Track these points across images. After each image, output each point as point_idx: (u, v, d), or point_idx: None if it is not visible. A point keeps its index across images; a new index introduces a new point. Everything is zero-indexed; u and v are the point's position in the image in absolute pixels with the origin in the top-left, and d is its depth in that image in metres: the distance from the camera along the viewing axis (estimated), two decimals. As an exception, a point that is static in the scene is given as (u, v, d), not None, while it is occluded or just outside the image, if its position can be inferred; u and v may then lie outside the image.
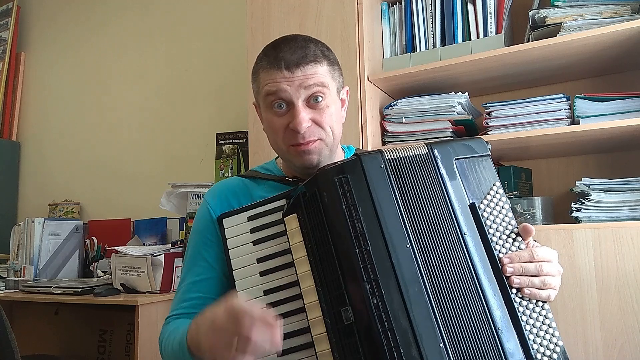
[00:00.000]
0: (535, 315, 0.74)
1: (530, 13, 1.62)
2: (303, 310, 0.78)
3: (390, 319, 0.69)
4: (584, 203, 1.45)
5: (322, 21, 1.79)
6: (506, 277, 0.74)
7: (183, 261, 1.05)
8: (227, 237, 0.87)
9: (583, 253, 1.38)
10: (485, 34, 1.68)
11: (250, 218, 0.87)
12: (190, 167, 2.69)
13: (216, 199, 1.03)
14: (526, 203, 1.54)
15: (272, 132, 0.96)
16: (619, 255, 1.35)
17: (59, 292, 1.99)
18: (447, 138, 1.68)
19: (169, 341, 0.91)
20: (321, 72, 0.93)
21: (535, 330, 0.73)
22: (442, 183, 0.78)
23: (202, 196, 2.15)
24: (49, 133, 3.30)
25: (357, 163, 0.78)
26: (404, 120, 1.74)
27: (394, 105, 1.77)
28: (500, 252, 0.76)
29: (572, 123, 1.53)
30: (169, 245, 2.14)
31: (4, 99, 3.35)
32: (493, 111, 1.62)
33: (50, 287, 2.03)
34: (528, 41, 1.60)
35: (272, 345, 0.68)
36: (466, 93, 1.72)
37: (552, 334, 0.73)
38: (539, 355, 0.72)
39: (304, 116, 0.91)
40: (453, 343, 0.69)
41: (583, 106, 1.50)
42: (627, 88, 1.65)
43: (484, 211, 0.78)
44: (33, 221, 2.40)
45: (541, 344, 0.72)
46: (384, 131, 1.79)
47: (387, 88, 1.86)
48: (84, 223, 2.65)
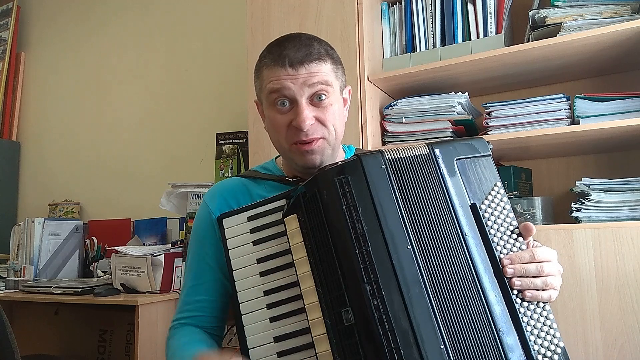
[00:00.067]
0: (536, 316, 0.74)
1: (530, 13, 1.62)
2: (303, 310, 0.78)
3: (390, 320, 0.69)
4: (584, 203, 1.45)
5: (322, 21, 1.79)
6: (507, 279, 0.74)
7: (185, 262, 1.06)
8: (227, 238, 0.87)
9: (583, 253, 1.38)
10: (485, 34, 1.68)
11: (250, 218, 0.86)
12: (190, 167, 2.69)
13: (215, 200, 1.03)
14: (526, 203, 1.54)
15: (275, 130, 0.96)
16: (619, 255, 1.34)
17: (59, 292, 1.99)
18: (448, 138, 1.68)
19: None
20: (325, 71, 0.93)
21: (536, 331, 0.73)
22: (443, 183, 0.78)
23: (202, 196, 2.16)
24: (49, 133, 3.29)
25: (358, 163, 0.77)
26: (404, 120, 1.74)
27: (394, 105, 1.77)
28: (501, 253, 0.76)
29: (572, 123, 1.53)
30: (169, 245, 2.14)
31: (4, 99, 3.35)
32: (493, 111, 1.61)
33: (50, 287, 2.03)
34: (528, 41, 1.60)
35: None
36: (466, 93, 1.72)
37: (553, 335, 0.73)
38: (540, 356, 0.71)
39: (308, 114, 0.91)
40: (454, 344, 0.69)
41: (583, 106, 1.50)
42: (627, 88, 1.65)
43: (485, 212, 0.78)
44: (33, 221, 2.40)
45: (542, 345, 0.72)
46: (384, 131, 1.79)
47: (387, 88, 1.86)
48: (84, 223, 2.65)
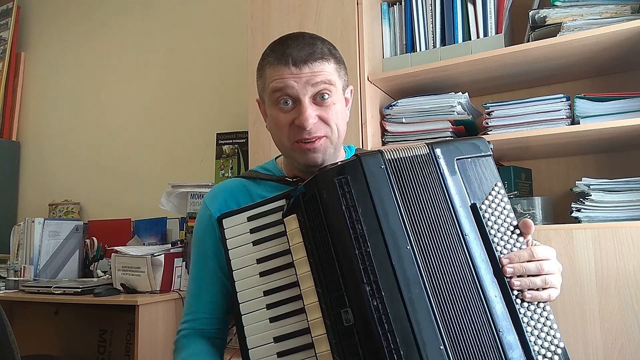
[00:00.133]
0: (536, 316, 0.74)
1: (530, 13, 1.62)
2: (303, 311, 0.78)
3: (390, 321, 0.69)
4: (584, 203, 1.45)
5: (322, 21, 1.78)
6: (507, 279, 0.74)
7: (185, 262, 1.06)
8: (227, 238, 0.87)
9: (583, 253, 1.38)
10: (485, 34, 1.68)
11: (250, 218, 0.86)
12: (190, 167, 2.68)
13: (215, 202, 1.03)
14: (526, 203, 1.54)
15: (277, 129, 0.96)
16: (619, 255, 1.34)
17: (59, 292, 1.99)
18: (448, 138, 1.68)
19: None
20: (328, 70, 0.93)
21: (536, 331, 0.73)
22: (443, 183, 0.78)
23: (202, 196, 2.16)
24: (49, 133, 3.30)
25: (357, 164, 0.77)
26: (404, 120, 1.74)
27: (394, 105, 1.77)
28: (501, 253, 0.76)
29: (572, 123, 1.53)
30: (169, 245, 2.13)
31: (4, 99, 3.35)
32: (493, 111, 1.61)
33: (50, 287, 2.03)
34: (528, 41, 1.60)
35: None
36: (466, 93, 1.72)
37: (554, 336, 0.73)
38: (540, 356, 0.71)
39: (311, 112, 0.91)
40: (453, 345, 0.69)
41: (583, 106, 1.50)
42: (627, 88, 1.65)
43: (485, 212, 0.78)
44: (33, 221, 2.40)
45: (542, 346, 0.72)
46: (384, 131, 1.79)
47: (387, 88, 1.86)
48: (84, 223, 2.65)
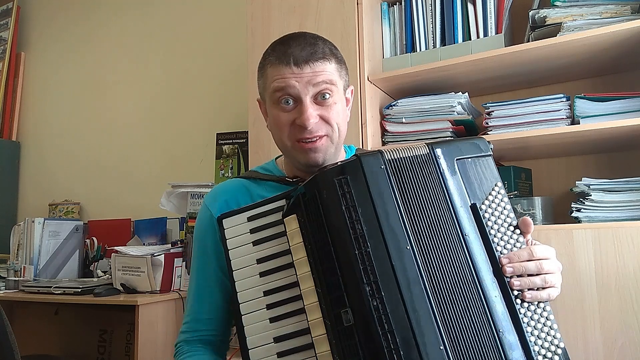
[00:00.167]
0: (536, 316, 0.74)
1: (530, 13, 1.62)
2: (303, 311, 0.78)
3: (390, 321, 0.69)
4: (584, 203, 1.45)
5: (322, 21, 1.78)
6: (507, 279, 0.74)
7: (185, 262, 1.06)
8: (227, 238, 0.87)
9: (583, 253, 1.38)
10: (485, 34, 1.68)
11: (250, 218, 0.86)
12: (190, 167, 2.68)
13: (216, 202, 1.03)
14: (526, 203, 1.54)
15: (278, 128, 0.96)
16: (619, 255, 1.34)
17: (59, 292, 1.99)
18: (448, 138, 1.68)
19: None
20: (329, 70, 0.93)
21: (536, 332, 0.73)
22: (443, 183, 0.78)
23: (202, 196, 2.16)
24: (49, 133, 3.29)
25: (357, 164, 0.77)
26: (404, 120, 1.74)
27: (394, 105, 1.77)
28: (501, 254, 0.76)
29: (572, 123, 1.53)
30: (169, 245, 2.13)
31: (4, 99, 3.35)
32: (493, 111, 1.61)
33: (50, 287, 2.03)
34: (528, 41, 1.60)
35: None
36: (466, 93, 1.72)
37: (554, 336, 0.73)
38: (540, 357, 0.71)
39: (312, 112, 0.91)
40: (453, 345, 0.69)
41: (583, 106, 1.50)
42: (627, 88, 1.65)
43: (486, 212, 0.78)
44: (33, 221, 2.40)
45: (542, 346, 0.72)
46: (384, 131, 1.79)
47: (387, 88, 1.86)
48: (84, 223, 2.65)
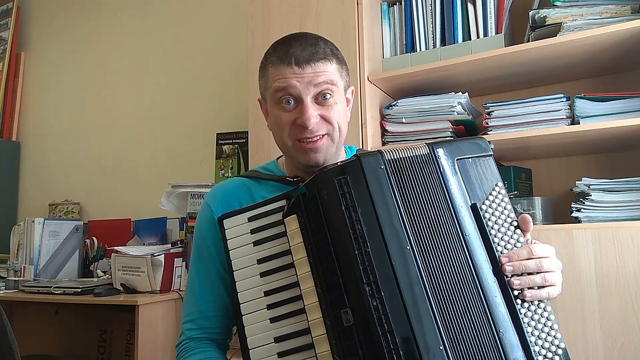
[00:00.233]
0: (537, 317, 0.74)
1: (530, 13, 1.62)
2: (303, 311, 0.78)
3: (389, 321, 0.69)
4: (584, 203, 1.45)
5: (322, 21, 1.78)
6: (507, 278, 0.74)
7: (185, 262, 1.05)
8: (228, 238, 0.87)
9: (583, 253, 1.38)
10: (485, 34, 1.68)
11: (250, 219, 0.86)
12: (190, 167, 2.68)
13: (217, 201, 1.03)
14: (526, 203, 1.54)
15: (278, 128, 0.96)
16: (619, 255, 1.34)
17: (59, 292, 1.99)
18: (448, 138, 1.68)
19: None
20: (330, 70, 0.93)
21: (537, 332, 0.73)
22: (444, 183, 0.78)
23: (202, 196, 2.16)
24: (49, 133, 3.29)
25: (357, 164, 0.77)
26: (404, 120, 1.74)
27: (394, 105, 1.77)
28: (502, 254, 0.76)
29: (572, 123, 1.53)
30: (169, 245, 2.13)
31: (4, 99, 3.35)
32: (493, 111, 1.61)
33: (50, 287, 2.03)
34: (528, 41, 1.60)
35: None
36: (466, 93, 1.72)
37: (554, 336, 0.73)
38: (540, 357, 0.71)
39: (313, 112, 0.91)
40: (453, 345, 0.69)
41: (583, 106, 1.50)
42: (627, 88, 1.65)
43: (486, 212, 0.78)
44: (33, 221, 2.40)
45: (542, 346, 0.72)
46: (384, 131, 1.79)
47: (387, 88, 1.86)
48: (84, 223, 2.65)
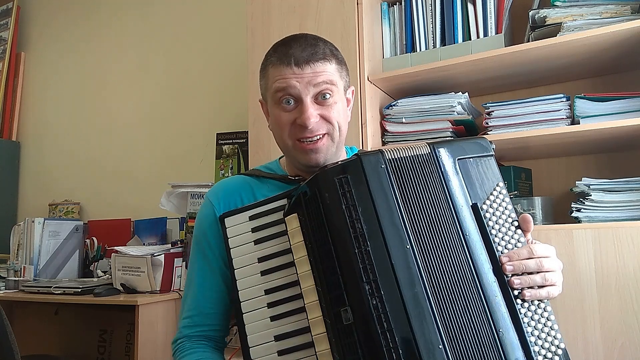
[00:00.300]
0: (537, 317, 0.74)
1: (530, 13, 1.62)
2: (303, 310, 0.78)
3: (389, 320, 0.69)
4: (584, 203, 1.45)
5: (322, 21, 1.79)
6: (507, 278, 0.74)
7: (189, 259, 1.05)
8: (229, 237, 0.87)
9: (583, 253, 1.38)
10: (485, 34, 1.68)
11: (251, 217, 0.87)
12: (190, 167, 2.68)
13: (219, 199, 1.03)
14: (526, 203, 1.54)
15: (279, 128, 0.97)
16: (619, 255, 1.34)
17: (59, 292, 1.99)
18: (448, 138, 1.68)
19: None
20: (330, 70, 0.94)
21: (536, 332, 0.73)
22: (444, 183, 0.78)
23: (202, 196, 2.16)
24: (49, 133, 3.29)
25: (358, 163, 0.77)
26: (404, 120, 1.74)
27: (394, 105, 1.77)
28: (502, 253, 0.76)
29: (572, 123, 1.53)
30: (169, 245, 2.14)
31: (4, 99, 3.35)
32: (493, 111, 1.61)
33: (50, 287, 2.03)
34: (528, 41, 1.60)
35: None
36: (466, 93, 1.72)
37: (554, 336, 0.73)
38: (540, 357, 0.71)
39: (312, 112, 0.92)
40: (453, 344, 0.69)
41: (583, 106, 1.50)
42: (627, 88, 1.65)
43: (487, 212, 0.78)
44: (33, 221, 2.40)
45: (542, 346, 0.72)
46: (384, 131, 1.79)
47: (387, 88, 1.86)
48: (84, 223, 2.65)
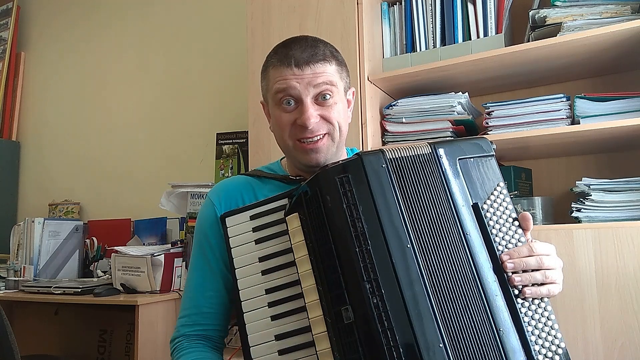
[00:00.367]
0: (537, 316, 0.74)
1: (530, 13, 1.62)
2: (304, 309, 0.78)
3: (390, 319, 0.69)
4: (584, 203, 1.45)
5: (322, 21, 1.79)
6: (507, 276, 0.74)
7: (190, 259, 1.05)
8: (230, 236, 0.87)
9: (583, 253, 1.38)
10: (485, 34, 1.68)
11: (252, 217, 0.87)
12: (190, 167, 2.69)
13: (221, 198, 1.04)
14: (526, 203, 1.54)
15: (279, 128, 0.97)
16: (619, 255, 1.35)
17: (59, 292, 1.99)
18: (448, 138, 1.68)
19: None
20: (330, 71, 0.94)
21: (537, 331, 0.73)
22: (445, 183, 0.78)
23: (202, 196, 2.16)
24: (49, 133, 3.29)
25: (359, 162, 0.78)
26: (404, 120, 1.74)
27: (394, 105, 1.77)
28: (502, 253, 0.76)
29: (572, 123, 1.53)
30: (169, 245, 2.14)
31: (4, 99, 3.35)
32: (493, 111, 1.62)
33: (50, 287, 2.03)
34: (528, 41, 1.60)
35: None
36: (466, 93, 1.72)
37: (555, 336, 0.73)
38: (541, 357, 0.71)
39: (312, 112, 0.93)
40: (453, 343, 0.69)
41: (583, 106, 1.50)
42: (627, 88, 1.65)
43: (487, 211, 0.78)
44: (33, 221, 2.40)
45: (543, 346, 0.72)
46: (384, 131, 1.79)
47: (387, 88, 1.86)
48: (84, 223, 2.65)
